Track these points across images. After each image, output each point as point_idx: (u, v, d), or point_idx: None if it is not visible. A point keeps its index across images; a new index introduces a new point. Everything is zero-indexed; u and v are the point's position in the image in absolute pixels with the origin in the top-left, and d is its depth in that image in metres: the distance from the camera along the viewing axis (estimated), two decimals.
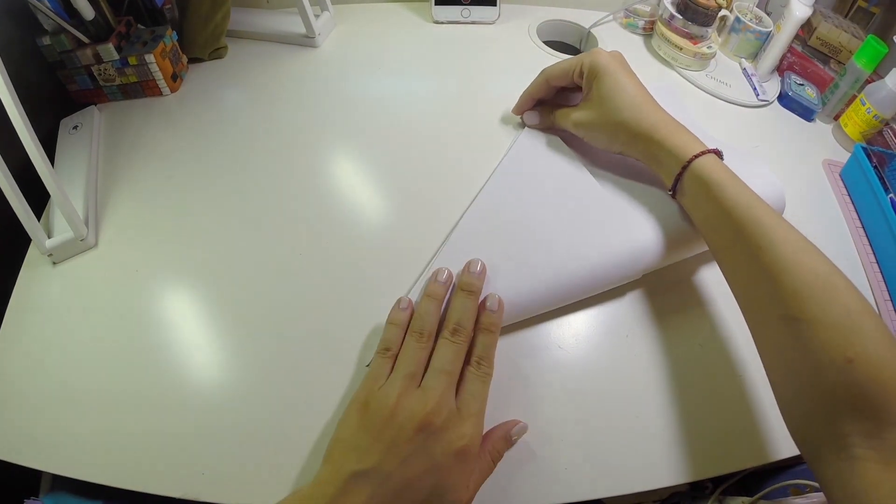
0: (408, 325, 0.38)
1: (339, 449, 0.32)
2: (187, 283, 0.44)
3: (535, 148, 0.51)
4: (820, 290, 0.31)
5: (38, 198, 0.44)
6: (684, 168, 0.40)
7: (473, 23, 0.70)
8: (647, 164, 0.44)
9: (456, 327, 0.36)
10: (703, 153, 0.40)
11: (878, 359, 0.29)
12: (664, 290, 0.45)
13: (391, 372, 0.35)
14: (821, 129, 0.65)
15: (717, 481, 0.41)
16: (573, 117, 0.48)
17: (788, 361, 0.32)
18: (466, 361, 0.36)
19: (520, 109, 0.54)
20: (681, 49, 0.66)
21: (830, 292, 0.31)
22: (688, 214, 0.42)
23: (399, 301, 0.39)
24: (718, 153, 0.41)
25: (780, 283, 0.32)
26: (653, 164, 0.44)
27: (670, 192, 0.42)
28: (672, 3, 0.67)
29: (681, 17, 0.65)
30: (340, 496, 0.30)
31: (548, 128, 0.53)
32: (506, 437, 0.36)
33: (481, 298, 0.39)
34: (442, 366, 0.35)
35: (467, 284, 0.39)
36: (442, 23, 0.70)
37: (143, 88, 0.57)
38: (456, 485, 0.32)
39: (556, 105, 0.52)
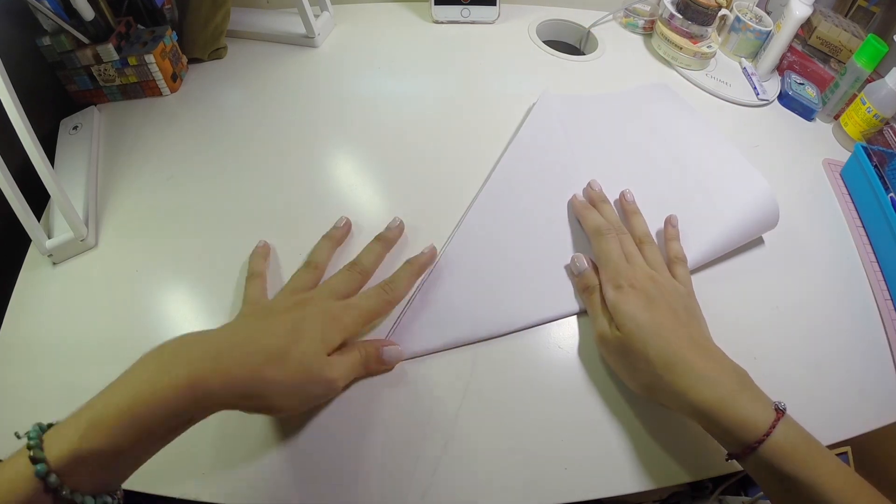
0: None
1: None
2: (187, 283, 0.44)
3: (542, 137, 0.53)
4: None
5: (38, 198, 0.44)
6: (750, 449, 0.31)
7: (473, 22, 0.70)
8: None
9: (355, 262, 0.39)
10: (773, 428, 0.30)
11: None
12: None
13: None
14: (821, 128, 0.65)
15: (717, 481, 0.41)
16: (598, 326, 0.39)
17: None
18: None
19: None
20: (681, 48, 0.66)
21: None
22: None
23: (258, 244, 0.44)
24: (784, 412, 0.32)
25: None
26: (703, 426, 0.34)
27: (727, 458, 0.34)
28: (672, 3, 0.67)
29: (681, 17, 0.65)
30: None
31: None
32: (377, 347, 0.37)
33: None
34: (331, 286, 0.38)
35: (382, 235, 0.43)
36: (442, 22, 0.70)
37: (143, 89, 0.57)
38: (322, 332, 0.34)
39: None
